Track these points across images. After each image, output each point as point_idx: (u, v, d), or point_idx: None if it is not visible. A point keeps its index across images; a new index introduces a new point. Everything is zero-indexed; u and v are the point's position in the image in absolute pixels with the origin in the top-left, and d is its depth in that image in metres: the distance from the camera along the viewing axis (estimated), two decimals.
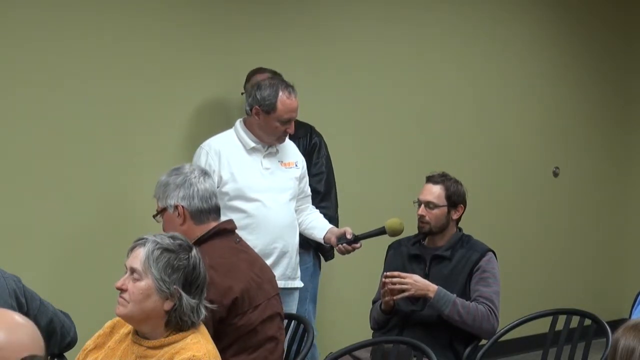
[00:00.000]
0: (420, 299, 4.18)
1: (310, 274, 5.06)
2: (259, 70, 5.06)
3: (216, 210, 3.60)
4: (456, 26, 6.40)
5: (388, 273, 4.18)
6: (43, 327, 3.13)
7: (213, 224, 3.57)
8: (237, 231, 3.71)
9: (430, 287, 4.12)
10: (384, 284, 4.19)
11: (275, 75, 5.01)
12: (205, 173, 3.65)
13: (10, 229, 4.64)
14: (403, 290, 4.13)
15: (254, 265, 3.57)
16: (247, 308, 3.43)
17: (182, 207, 3.55)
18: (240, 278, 3.45)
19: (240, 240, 3.65)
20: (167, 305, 2.86)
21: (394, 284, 4.14)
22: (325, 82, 5.76)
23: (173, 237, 2.95)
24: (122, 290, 2.89)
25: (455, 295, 4.12)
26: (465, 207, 4.35)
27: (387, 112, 6.07)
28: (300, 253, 4.81)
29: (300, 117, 5.09)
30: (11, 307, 2.97)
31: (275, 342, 3.52)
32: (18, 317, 2.17)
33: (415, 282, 4.13)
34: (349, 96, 5.89)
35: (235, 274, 3.45)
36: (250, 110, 4.46)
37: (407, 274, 4.16)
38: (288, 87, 4.47)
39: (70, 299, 4.45)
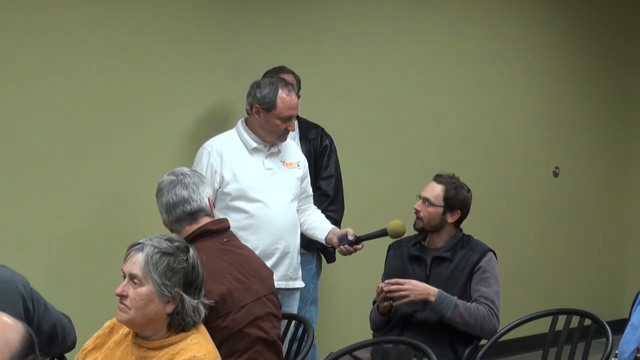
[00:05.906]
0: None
1: (313, 276, 5.06)
2: (282, 70, 5.01)
3: (186, 216, 3.49)
4: (459, 26, 6.40)
5: (386, 281, 4.16)
6: (45, 331, 3.13)
7: (189, 228, 3.49)
8: (238, 232, 3.68)
9: (430, 291, 4.10)
10: (382, 291, 4.15)
11: (294, 76, 5.01)
12: (171, 182, 3.54)
13: (10, 228, 4.64)
14: (403, 297, 4.11)
15: (241, 266, 3.48)
16: (230, 309, 3.35)
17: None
18: (221, 281, 3.36)
19: (228, 240, 3.55)
20: (169, 309, 2.86)
21: (393, 291, 4.11)
22: (331, 81, 5.76)
23: (170, 240, 2.93)
24: (122, 296, 2.86)
25: (455, 297, 4.12)
26: (464, 213, 4.30)
27: (388, 113, 6.07)
28: (304, 254, 4.80)
29: (305, 116, 5.09)
30: (17, 312, 2.96)
31: (265, 343, 3.45)
32: (6, 318, 2.23)
33: (414, 286, 4.10)
34: (352, 95, 5.89)
35: (215, 277, 3.33)
36: (251, 109, 4.47)
37: (406, 280, 4.13)
38: (287, 85, 4.48)
39: (69, 298, 4.46)
